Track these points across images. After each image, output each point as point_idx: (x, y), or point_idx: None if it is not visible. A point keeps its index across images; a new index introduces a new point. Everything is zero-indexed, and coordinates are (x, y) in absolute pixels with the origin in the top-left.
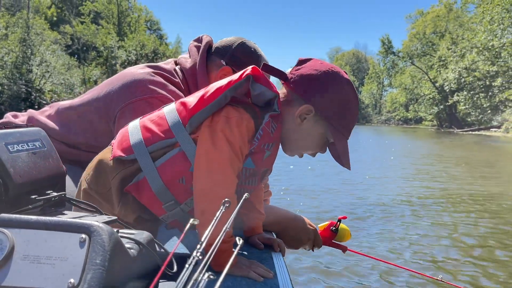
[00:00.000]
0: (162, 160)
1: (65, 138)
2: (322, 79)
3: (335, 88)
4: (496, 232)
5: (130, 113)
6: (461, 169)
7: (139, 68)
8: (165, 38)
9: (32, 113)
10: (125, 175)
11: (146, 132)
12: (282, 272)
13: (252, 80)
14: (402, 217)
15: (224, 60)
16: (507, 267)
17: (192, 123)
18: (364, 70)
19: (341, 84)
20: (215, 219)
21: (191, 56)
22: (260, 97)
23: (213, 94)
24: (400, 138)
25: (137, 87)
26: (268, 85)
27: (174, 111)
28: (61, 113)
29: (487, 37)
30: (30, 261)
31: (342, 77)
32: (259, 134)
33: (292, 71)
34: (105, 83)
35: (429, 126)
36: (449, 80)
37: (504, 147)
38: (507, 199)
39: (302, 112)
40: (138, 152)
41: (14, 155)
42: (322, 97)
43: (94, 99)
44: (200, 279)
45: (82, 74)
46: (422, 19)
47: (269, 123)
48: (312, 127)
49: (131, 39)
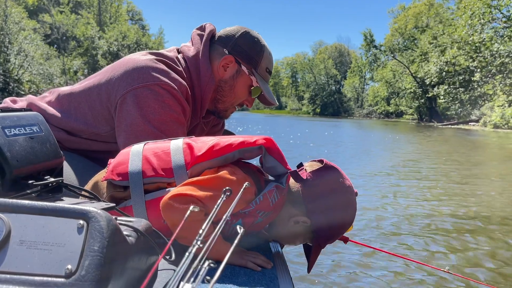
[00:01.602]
0: (153, 195)
1: (65, 125)
2: (333, 205)
3: (340, 217)
4: (500, 220)
5: (132, 100)
6: (450, 162)
7: (141, 54)
8: (147, 29)
9: (32, 99)
10: (115, 197)
11: (147, 163)
12: (280, 262)
13: (265, 151)
14: (405, 208)
15: (227, 49)
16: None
17: (195, 170)
18: (346, 64)
19: (347, 215)
20: (213, 211)
21: (194, 45)
22: (272, 170)
23: (223, 149)
24: (382, 132)
25: (140, 74)
26: (281, 160)
27: (180, 151)
28: (62, 99)
29: (468, 32)
30: (26, 247)
31: (351, 205)
32: (258, 199)
33: (312, 172)
34: (107, 69)
35: (409, 120)
36: (430, 74)
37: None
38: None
39: (300, 220)
40: (133, 181)
41: (11, 139)
42: (324, 219)
43: (95, 85)
44: (200, 267)
45: (61, 64)
46: (404, 14)
47: (272, 192)
48: (301, 231)
49: (112, 30)
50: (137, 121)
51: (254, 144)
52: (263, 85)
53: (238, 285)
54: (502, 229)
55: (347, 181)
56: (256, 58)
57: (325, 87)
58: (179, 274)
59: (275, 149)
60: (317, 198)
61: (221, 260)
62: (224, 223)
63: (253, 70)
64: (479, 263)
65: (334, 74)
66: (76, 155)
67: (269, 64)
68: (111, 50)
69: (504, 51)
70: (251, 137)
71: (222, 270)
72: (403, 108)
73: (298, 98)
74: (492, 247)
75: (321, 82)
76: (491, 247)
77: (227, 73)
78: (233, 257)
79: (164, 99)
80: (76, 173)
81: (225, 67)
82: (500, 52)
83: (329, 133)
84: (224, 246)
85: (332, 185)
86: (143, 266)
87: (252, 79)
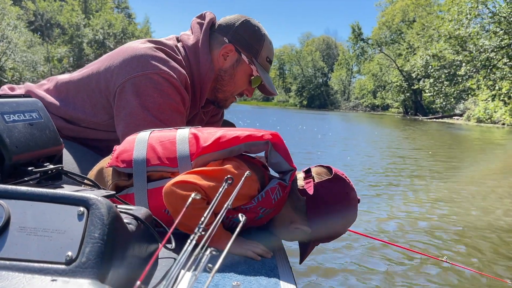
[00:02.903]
0: (156, 184)
1: (63, 113)
2: (336, 217)
3: (341, 226)
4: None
5: (131, 88)
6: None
7: (140, 42)
8: (134, 17)
9: (30, 86)
10: (119, 185)
11: (151, 152)
12: (280, 251)
13: (271, 147)
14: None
15: (227, 37)
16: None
17: (199, 161)
18: (333, 57)
19: (347, 223)
20: (215, 198)
21: (194, 33)
22: (277, 167)
23: (229, 141)
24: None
25: (139, 62)
26: (287, 157)
27: (186, 141)
28: (60, 87)
29: (454, 26)
30: (26, 233)
31: (354, 215)
32: (260, 196)
33: (320, 183)
34: (105, 58)
35: (395, 113)
36: (417, 67)
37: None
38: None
39: (301, 228)
40: (137, 169)
41: (10, 125)
42: (325, 230)
43: (94, 74)
44: (201, 255)
45: (45, 52)
46: (391, 7)
47: (274, 189)
48: (300, 236)
49: (98, 18)
50: (136, 110)
51: (261, 139)
52: (263, 74)
53: (238, 274)
54: (498, 223)
55: (353, 192)
56: (257, 47)
57: (312, 79)
58: (181, 261)
59: (282, 145)
60: (322, 213)
61: (221, 249)
62: (224, 217)
63: (254, 59)
64: (476, 253)
65: (321, 66)
66: (74, 143)
67: (269, 53)
68: (97, 39)
69: (489, 46)
70: (259, 131)
71: (224, 258)
72: (389, 102)
73: (285, 90)
74: (488, 237)
75: (308, 74)
76: (488, 237)
77: (227, 62)
78: (233, 246)
79: (163, 88)
80: (75, 161)
81: (225, 56)
82: (485, 47)
83: (322, 135)
84: (224, 235)
85: (339, 199)
86: (143, 253)
87: (252, 68)
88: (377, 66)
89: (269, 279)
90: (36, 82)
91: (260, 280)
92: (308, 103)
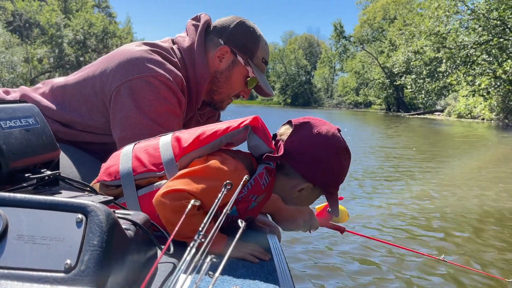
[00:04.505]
0: (146, 190)
1: (59, 117)
2: (323, 156)
3: (334, 160)
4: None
5: (127, 92)
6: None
7: (136, 45)
8: (115, 17)
9: (25, 90)
10: (109, 195)
11: (137, 161)
12: (278, 254)
13: (250, 130)
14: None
15: (222, 39)
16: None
17: (183, 161)
18: (316, 54)
19: (339, 151)
20: (213, 206)
21: (189, 35)
22: (255, 149)
23: (209, 137)
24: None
25: (135, 65)
26: (265, 138)
27: (169, 145)
28: (56, 91)
29: (434, 23)
30: (24, 241)
31: (338, 148)
32: (250, 184)
33: (287, 141)
34: (101, 61)
35: (378, 110)
36: (399, 63)
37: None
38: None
39: (303, 187)
40: (124, 179)
41: (7, 131)
42: (322, 173)
43: (89, 77)
44: (202, 262)
45: (25, 53)
46: (372, 6)
47: (262, 174)
48: (309, 193)
49: (78, 17)
50: (132, 113)
51: (239, 127)
52: (259, 75)
53: (237, 277)
54: (494, 217)
55: (323, 126)
56: (252, 48)
57: (295, 77)
58: (181, 269)
59: (260, 128)
60: (306, 163)
61: (218, 252)
62: (215, 212)
63: (249, 61)
64: (473, 252)
65: (304, 64)
66: (71, 146)
67: (265, 54)
68: (78, 39)
69: (468, 43)
70: (237, 120)
71: (224, 265)
72: (371, 99)
73: None
74: (485, 235)
75: (292, 72)
76: (483, 235)
77: (223, 64)
78: (231, 250)
79: (159, 91)
80: (71, 165)
81: (221, 57)
82: (464, 43)
83: None
84: (220, 238)
85: (311, 141)
86: (142, 259)
87: (248, 69)
88: (360, 64)
89: (268, 282)
90: (15, 83)
91: (259, 283)
92: (292, 101)
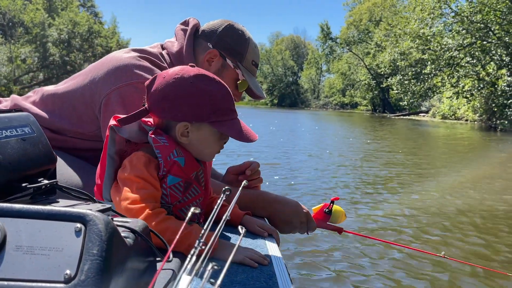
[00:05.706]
0: None
1: (50, 125)
2: (175, 94)
3: (188, 93)
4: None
5: (116, 99)
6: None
7: (124, 52)
8: (100, 16)
9: (16, 99)
10: None
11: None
12: (277, 258)
13: (115, 129)
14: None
15: (211, 43)
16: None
17: (106, 195)
18: (303, 56)
19: (192, 86)
20: (215, 210)
21: (178, 40)
22: (136, 134)
23: (102, 161)
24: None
25: (123, 72)
26: (128, 119)
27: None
28: (46, 99)
29: (419, 26)
30: (23, 252)
31: (188, 77)
32: (157, 154)
33: (147, 100)
34: (90, 69)
35: (364, 111)
36: (384, 63)
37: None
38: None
39: (182, 131)
40: None
41: (3, 141)
42: (186, 108)
43: (79, 87)
44: (203, 269)
45: (8, 52)
46: (358, 7)
47: (155, 140)
48: (199, 134)
49: (62, 16)
50: None
51: (108, 133)
52: (249, 78)
53: (237, 283)
54: (491, 214)
55: (170, 70)
56: (241, 51)
57: (282, 78)
58: (182, 277)
59: (123, 118)
60: (168, 106)
61: (216, 257)
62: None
63: (239, 64)
64: (472, 248)
65: (291, 65)
66: (62, 152)
67: (255, 57)
68: (63, 38)
69: (452, 45)
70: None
71: (225, 273)
72: (357, 100)
73: None
74: (485, 234)
75: (279, 73)
76: (482, 232)
77: (212, 68)
78: (229, 254)
79: None
80: (64, 171)
81: (210, 61)
82: (448, 46)
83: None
84: (216, 243)
85: (162, 85)
86: (142, 267)
87: (238, 72)
88: (346, 65)
89: (268, 287)
90: None
91: None
92: (278, 101)
